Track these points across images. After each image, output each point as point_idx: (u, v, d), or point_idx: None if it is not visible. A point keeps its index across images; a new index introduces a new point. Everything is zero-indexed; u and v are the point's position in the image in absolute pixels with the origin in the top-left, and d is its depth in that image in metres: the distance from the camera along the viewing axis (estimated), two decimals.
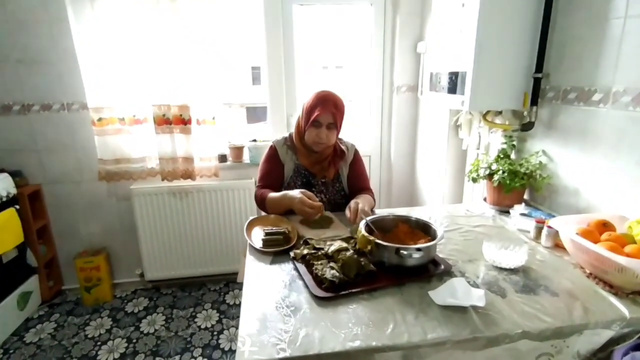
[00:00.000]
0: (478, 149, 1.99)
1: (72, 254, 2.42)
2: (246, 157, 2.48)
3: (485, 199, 1.71)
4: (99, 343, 2.06)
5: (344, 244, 1.19)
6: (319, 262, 1.13)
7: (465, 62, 1.55)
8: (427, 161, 2.44)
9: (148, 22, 2.03)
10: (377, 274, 1.11)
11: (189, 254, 2.45)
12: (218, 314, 2.26)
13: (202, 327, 2.16)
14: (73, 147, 2.29)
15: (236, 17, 2.38)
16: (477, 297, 0.97)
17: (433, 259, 1.16)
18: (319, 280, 1.07)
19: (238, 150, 2.45)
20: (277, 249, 1.27)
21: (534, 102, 1.53)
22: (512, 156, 1.70)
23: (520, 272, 1.14)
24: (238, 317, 2.24)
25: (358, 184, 1.72)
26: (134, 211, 2.31)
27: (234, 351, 1.95)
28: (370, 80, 2.56)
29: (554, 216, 1.43)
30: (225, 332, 2.12)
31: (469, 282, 1.07)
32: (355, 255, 1.13)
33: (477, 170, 1.68)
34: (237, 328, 2.12)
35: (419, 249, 1.08)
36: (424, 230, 1.26)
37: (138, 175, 2.27)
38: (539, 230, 1.34)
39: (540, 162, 1.54)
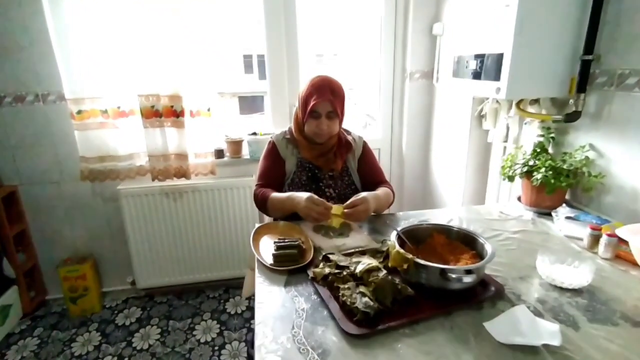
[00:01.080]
0: (505, 141, 1.79)
1: (55, 261, 2.20)
2: (245, 152, 2.26)
3: (519, 199, 1.52)
4: None
5: (373, 262, 0.99)
6: (346, 286, 0.93)
7: (503, 43, 1.34)
8: (444, 155, 2.24)
9: (132, 2, 1.77)
10: (417, 298, 0.92)
11: (185, 260, 2.24)
12: (219, 325, 2.07)
13: (202, 340, 1.97)
14: (51, 144, 2.05)
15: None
16: (549, 334, 0.78)
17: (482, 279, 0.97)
18: (348, 310, 0.87)
19: (236, 145, 2.22)
20: (291, 267, 1.06)
21: (582, 88, 1.33)
22: (549, 151, 1.51)
23: (585, 293, 0.96)
24: (240, 328, 2.10)
25: (372, 177, 1.55)
26: (123, 214, 2.09)
27: None
28: (380, 67, 2.33)
29: (607, 221, 1.25)
30: (228, 346, 1.92)
31: (528, 307, 0.89)
32: (390, 277, 0.93)
33: (511, 167, 1.48)
34: (239, 342, 1.93)
35: (469, 271, 0.88)
36: (466, 242, 1.07)
37: (126, 175, 2.04)
38: (595, 239, 1.15)
39: (587, 158, 1.35)
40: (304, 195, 1.29)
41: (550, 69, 1.35)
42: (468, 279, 0.86)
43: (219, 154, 2.21)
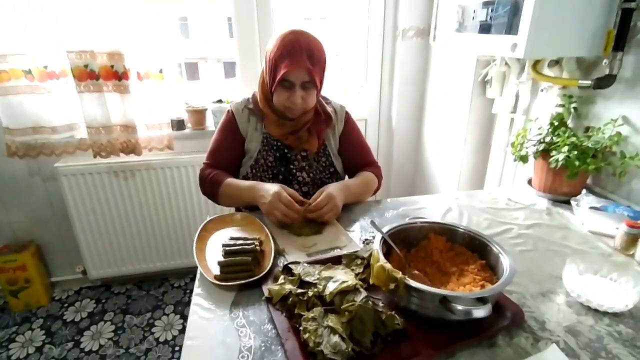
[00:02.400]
0: (513, 112, 1.51)
1: None
2: (210, 123, 1.94)
3: (529, 182, 1.26)
4: None
5: (349, 279, 0.73)
6: (310, 315, 0.67)
7: None
8: (440, 128, 1.95)
9: None
10: (407, 332, 0.67)
11: (144, 247, 1.96)
12: (182, 321, 1.83)
13: (161, 340, 1.73)
14: None
15: None
16: None
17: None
18: (311, 352, 0.62)
19: (199, 115, 1.89)
20: (242, 280, 0.80)
21: (620, 45, 1.04)
22: (569, 124, 1.24)
23: (628, 319, 0.72)
24: None
25: (358, 159, 1.29)
26: (64, 195, 1.77)
27: None
28: (368, 24, 1.99)
29: None
30: None
31: (556, 342, 0.65)
32: (370, 301, 0.67)
33: (522, 144, 1.21)
34: None
35: (483, 300, 0.63)
36: (471, 247, 0.81)
37: (63, 150, 1.70)
38: (631, 239, 0.91)
39: (619, 134, 1.08)
40: (272, 187, 1.02)
41: (581, 19, 1.05)
42: (480, 313, 0.60)
43: (179, 125, 1.89)
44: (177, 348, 1.68)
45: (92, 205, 1.82)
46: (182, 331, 1.77)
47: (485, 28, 1.25)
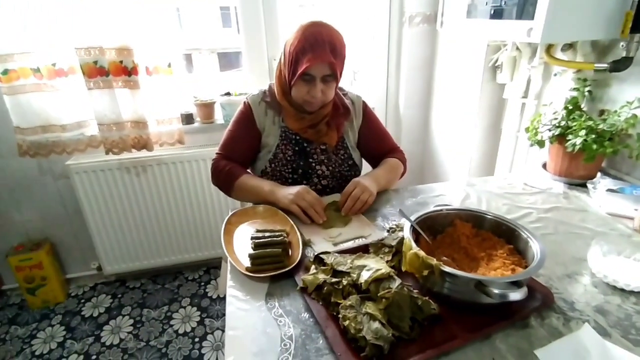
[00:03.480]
0: (525, 97, 1.52)
1: (3, 249, 1.91)
2: (219, 117, 1.94)
3: (544, 167, 1.28)
4: None
5: (382, 266, 0.74)
6: (348, 303, 0.69)
7: None
8: (449, 115, 1.96)
9: None
10: (442, 316, 0.69)
11: (157, 241, 1.97)
12: (199, 313, 1.86)
13: (180, 332, 1.76)
14: None
15: None
16: None
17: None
18: (352, 338, 0.64)
19: (207, 108, 1.89)
20: (274, 272, 0.81)
21: (637, 27, 1.05)
22: (583, 107, 1.25)
23: None
24: (223, 315, 1.89)
25: (380, 147, 1.31)
26: (77, 193, 1.78)
27: None
28: (373, 10, 1.97)
29: None
30: (210, 337, 1.73)
31: (587, 320, 0.67)
32: (406, 288, 0.69)
33: (537, 129, 1.22)
34: (223, 331, 1.73)
35: (518, 284, 0.64)
36: (498, 232, 0.83)
37: (74, 148, 1.70)
38: None
39: (635, 117, 1.09)
40: (297, 187, 1.03)
41: (598, 2, 1.05)
42: (516, 295, 0.62)
43: (188, 119, 1.89)
44: (196, 339, 1.71)
45: (105, 202, 1.82)
46: (201, 322, 1.80)
47: (497, 13, 1.24)
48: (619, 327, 0.67)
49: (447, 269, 0.67)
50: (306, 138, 1.17)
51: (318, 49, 1.01)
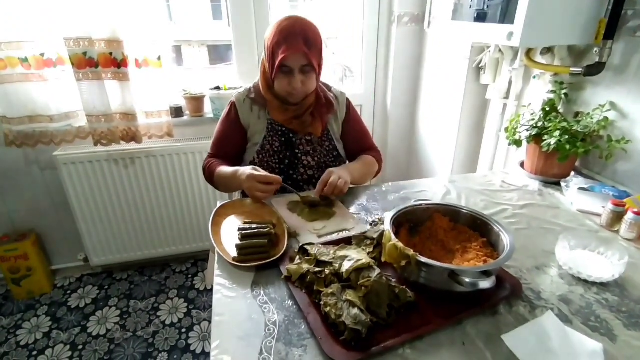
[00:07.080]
0: (506, 98, 1.57)
1: None
2: (208, 110, 1.95)
3: (522, 165, 1.33)
4: (34, 353, 1.64)
5: (363, 257, 0.79)
6: (329, 291, 0.72)
7: None
8: (434, 113, 2.01)
9: None
10: (418, 304, 0.73)
11: (145, 233, 1.98)
12: (186, 304, 1.88)
13: (167, 322, 1.78)
14: None
15: None
16: (589, 354, 0.62)
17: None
18: (332, 324, 0.68)
19: (197, 102, 1.90)
20: (260, 262, 0.85)
21: (610, 34, 1.10)
22: (560, 109, 1.31)
23: (614, 288, 0.80)
24: (210, 307, 1.92)
25: (359, 144, 1.35)
26: (64, 184, 1.78)
27: (208, 353, 1.62)
28: (364, 10, 2.00)
29: (625, 192, 1.09)
30: (196, 327, 1.75)
31: (551, 309, 0.72)
32: (384, 278, 0.73)
33: (516, 129, 1.28)
34: (209, 322, 1.76)
35: (488, 273, 0.69)
36: (473, 226, 0.87)
37: (62, 138, 1.70)
38: (616, 216, 0.99)
39: (606, 119, 1.16)
40: (244, 172, 1.07)
41: (574, 8, 1.10)
42: (486, 284, 0.67)
43: (177, 112, 1.90)
44: (183, 330, 1.74)
45: (93, 193, 1.83)
46: (188, 314, 1.82)
47: (481, 16, 1.29)
48: (580, 314, 0.72)
49: (423, 259, 0.71)
50: (292, 129, 1.21)
51: (292, 40, 1.05)
